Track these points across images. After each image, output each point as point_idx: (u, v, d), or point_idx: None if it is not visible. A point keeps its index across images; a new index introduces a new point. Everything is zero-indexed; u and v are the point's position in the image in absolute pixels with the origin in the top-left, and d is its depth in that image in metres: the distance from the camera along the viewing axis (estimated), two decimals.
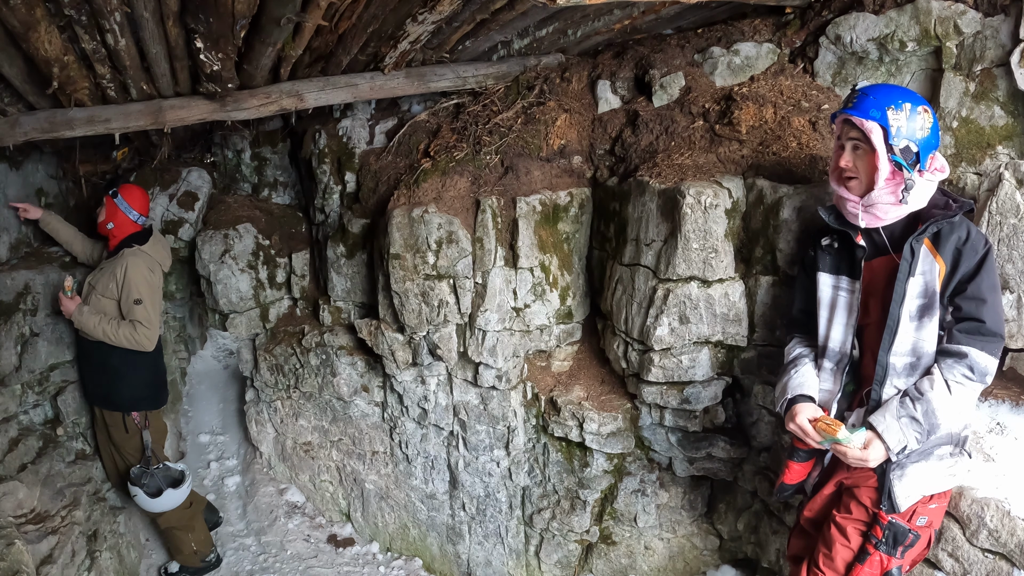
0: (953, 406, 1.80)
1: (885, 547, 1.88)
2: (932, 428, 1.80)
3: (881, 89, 1.87)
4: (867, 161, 1.88)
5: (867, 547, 1.91)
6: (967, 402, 1.82)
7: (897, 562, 1.89)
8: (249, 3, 2.07)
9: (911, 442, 1.80)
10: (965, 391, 1.80)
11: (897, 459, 1.84)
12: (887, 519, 1.88)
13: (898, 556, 1.89)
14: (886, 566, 1.90)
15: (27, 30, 2.08)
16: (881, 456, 1.83)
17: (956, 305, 1.84)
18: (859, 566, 1.92)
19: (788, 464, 2.12)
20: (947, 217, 1.82)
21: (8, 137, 2.86)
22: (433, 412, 3.30)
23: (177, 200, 4.10)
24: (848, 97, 1.92)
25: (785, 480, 2.13)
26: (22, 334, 3.19)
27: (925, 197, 1.86)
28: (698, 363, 2.77)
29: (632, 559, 3.22)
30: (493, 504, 3.34)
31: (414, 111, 3.79)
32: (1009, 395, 2.24)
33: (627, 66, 3.30)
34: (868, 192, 1.89)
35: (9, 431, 3.06)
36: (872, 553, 1.90)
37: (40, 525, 2.80)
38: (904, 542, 1.87)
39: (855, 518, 1.96)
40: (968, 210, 1.88)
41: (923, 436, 1.80)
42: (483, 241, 3.01)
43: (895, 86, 1.93)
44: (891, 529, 1.87)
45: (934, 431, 1.80)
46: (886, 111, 1.82)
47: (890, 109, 1.82)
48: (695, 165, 2.77)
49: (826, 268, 2.07)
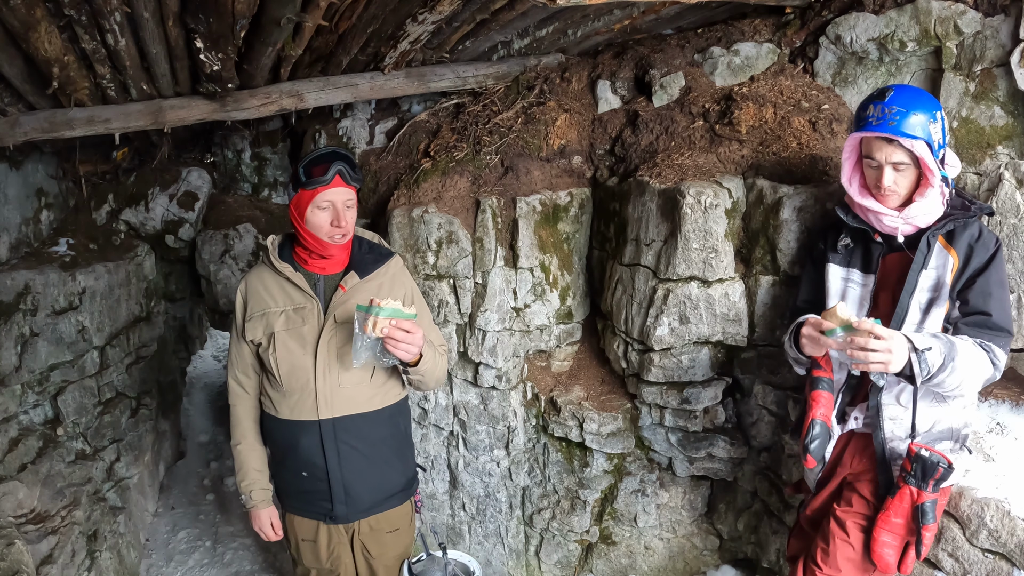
0: (971, 356, 1.74)
1: (915, 480, 1.79)
2: (951, 356, 1.71)
3: (914, 101, 1.79)
4: (909, 178, 1.85)
5: (897, 480, 1.82)
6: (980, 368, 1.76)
7: (929, 496, 1.79)
8: (249, 3, 2.07)
9: (935, 354, 1.70)
10: (981, 355, 1.76)
11: (920, 379, 1.72)
12: (915, 450, 1.79)
13: (929, 490, 1.78)
14: (917, 499, 1.80)
15: (27, 30, 2.08)
16: (904, 354, 1.68)
17: (964, 299, 1.84)
18: (890, 499, 1.83)
19: (814, 396, 1.95)
20: (965, 217, 1.83)
21: (8, 137, 2.86)
22: (433, 412, 3.30)
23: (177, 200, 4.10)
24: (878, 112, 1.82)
25: (816, 416, 1.93)
26: (22, 334, 3.18)
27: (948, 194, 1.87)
28: (698, 363, 2.77)
29: (632, 559, 3.22)
30: (493, 504, 3.34)
31: (414, 111, 3.79)
32: (1009, 395, 2.24)
33: (627, 66, 3.30)
34: (907, 204, 1.87)
35: (9, 431, 3.06)
36: (902, 487, 1.81)
37: (40, 525, 2.79)
38: (934, 475, 1.77)
39: (855, 511, 1.95)
40: (988, 213, 1.88)
41: (944, 359, 1.71)
42: (483, 241, 3.02)
43: (918, 92, 1.85)
44: (919, 461, 1.78)
45: (952, 358, 1.71)
46: (929, 127, 1.78)
47: (931, 123, 1.78)
48: (695, 165, 2.77)
49: (837, 261, 2.06)
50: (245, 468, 2.19)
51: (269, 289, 2.05)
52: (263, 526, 2.23)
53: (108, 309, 3.71)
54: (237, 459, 2.20)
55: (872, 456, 1.96)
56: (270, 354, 2.02)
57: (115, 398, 3.83)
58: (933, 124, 1.79)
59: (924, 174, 1.82)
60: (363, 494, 2.11)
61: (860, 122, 1.88)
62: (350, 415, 2.04)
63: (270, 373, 2.05)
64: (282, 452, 2.13)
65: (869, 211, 1.94)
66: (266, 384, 2.12)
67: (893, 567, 1.88)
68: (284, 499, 2.22)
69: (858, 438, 2.03)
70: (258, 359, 2.10)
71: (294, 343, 2.00)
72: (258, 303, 2.05)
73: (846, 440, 2.06)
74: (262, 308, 2.04)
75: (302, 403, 2.02)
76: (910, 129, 1.77)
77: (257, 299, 2.06)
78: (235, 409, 2.20)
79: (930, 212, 1.85)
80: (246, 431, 2.19)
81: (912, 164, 1.83)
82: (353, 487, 2.09)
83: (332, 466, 2.05)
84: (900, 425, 1.90)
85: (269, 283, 2.06)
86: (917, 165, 1.83)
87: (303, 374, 2.00)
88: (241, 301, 2.10)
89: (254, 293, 2.07)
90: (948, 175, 1.87)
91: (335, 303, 2.02)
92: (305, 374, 2.00)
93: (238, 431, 2.19)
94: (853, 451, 2.03)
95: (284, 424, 2.07)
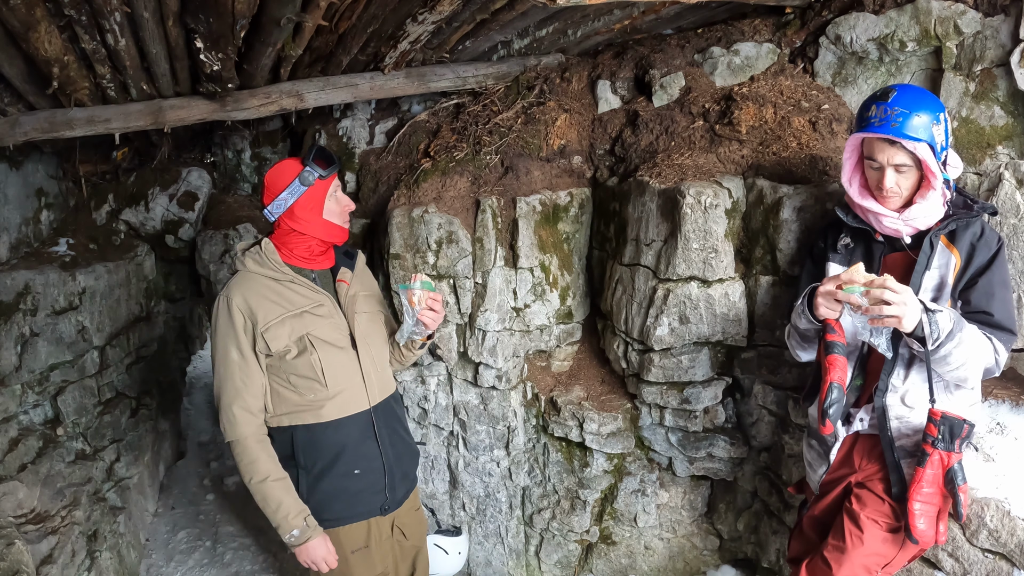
0: (976, 336, 1.74)
1: (943, 444, 1.78)
2: (959, 326, 1.71)
3: (917, 102, 1.77)
4: (911, 180, 1.85)
5: (924, 448, 1.81)
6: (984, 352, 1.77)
7: (957, 456, 1.79)
8: (249, 3, 2.07)
9: (945, 319, 1.69)
10: (985, 341, 1.76)
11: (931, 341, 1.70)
12: (939, 414, 1.78)
13: (957, 450, 1.79)
14: (947, 463, 1.79)
15: (27, 30, 2.08)
16: (917, 310, 1.66)
17: (966, 299, 1.84)
18: (919, 469, 1.81)
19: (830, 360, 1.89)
20: (968, 217, 1.83)
21: (8, 137, 2.86)
22: (433, 412, 3.30)
23: (177, 200, 4.10)
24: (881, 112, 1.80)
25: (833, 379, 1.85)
26: (22, 334, 3.19)
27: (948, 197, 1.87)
28: (698, 363, 2.77)
29: (632, 559, 3.22)
30: (493, 504, 3.34)
31: (414, 111, 3.79)
32: (1009, 395, 2.24)
33: (627, 66, 3.30)
34: (907, 206, 1.86)
35: (9, 431, 3.06)
36: (931, 452, 1.79)
37: (40, 525, 2.79)
38: (961, 434, 1.77)
39: (872, 509, 1.93)
40: (992, 213, 1.87)
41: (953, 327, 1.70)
42: (483, 241, 3.02)
43: (921, 92, 1.83)
44: (945, 423, 1.77)
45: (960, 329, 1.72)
46: (932, 128, 1.76)
47: (934, 125, 1.77)
48: (695, 165, 2.77)
49: (837, 260, 2.06)
50: (286, 500, 1.94)
51: (276, 295, 1.96)
52: (326, 555, 1.99)
53: (108, 309, 3.72)
54: (269, 494, 1.93)
55: (880, 456, 1.95)
56: (309, 357, 1.94)
57: (115, 398, 3.83)
58: (936, 126, 1.77)
59: (926, 176, 1.82)
60: (405, 474, 2.19)
61: (862, 122, 1.87)
62: (385, 398, 2.13)
63: (308, 378, 1.96)
64: (331, 457, 2.01)
65: (869, 212, 1.93)
66: (294, 395, 1.98)
67: (931, 537, 1.85)
68: (324, 516, 2.03)
69: (864, 439, 2.02)
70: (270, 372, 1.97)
71: (331, 340, 2.00)
72: (270, 311, 1.93)
73: (851, 442, 2.04)
74: (278, 315, 1.93)
75: (352, 397, 2.02)
76: (913, 131, 1.75)
77: (266, 308, 1.93)
78: (247, 442, 1.95)
79: (931, 214, 1.85)
80: (269, 462, 1.96)
81: (914, 166, 1.82)
82: (398, 468, 2.14)
83: (385, 451, 2.09)
84: (906, 424, 1.90)
85: (271, 289, 1.96)
86: (919, 167, 1.82)
87: (350, 366, 2.02)
88: (242, 316, 1.92)
89: (259, 303, 1.93)
90: (950, 176, 1.86)
91: (343, 293, 2.08)
92: (352, 366, 2.02)
93: (261, 465, 1.94)
94: (861, 453, 2.02)
95: (332, 426, 1.99)
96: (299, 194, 1.97)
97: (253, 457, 1.95)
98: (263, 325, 1.92)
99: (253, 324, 1.93)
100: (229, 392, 1.94)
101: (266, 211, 2.02)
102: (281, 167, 2.00)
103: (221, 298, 1.96)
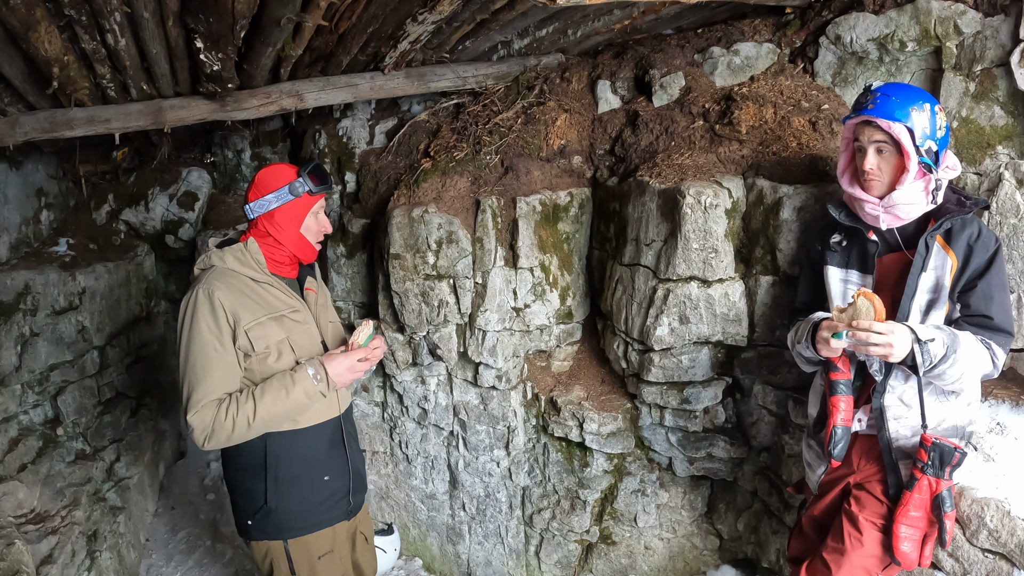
0: (972, 350, 1.76)
1: (932, 469, 1.80)
2: (954, 348, 1.73)
3: (901, 89, 1.85)
4: (891, 163, 1.87)
5: (914, 472, 1.83)
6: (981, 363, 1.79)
7: (947, 483, 1.81)
8: (249, 3, 2.07)
9: (938, 345, 1.72)
10: (982, 350, 1.78)
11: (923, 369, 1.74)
12: (931, 440, 1.80)
13: (946, 477, 1.81)
14: (936, 489, 1.81)
15: (27, 30, 2.08)
16: (906, 345, 1.72)
17: (965, 302, 1.84)
18: (907, 493, 1.83)
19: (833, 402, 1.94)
20: (961, 214, 1.83)
21: (8, 137, 2.87)
22: (433, 412, 3.30)
23: (177, 200, 4.10)
24: (864, 98, 1.88)
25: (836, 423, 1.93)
26: (22, 334, 3.19)
27: (942, 195, 1.88)
28: (698, 363, 2.77)
29: (632, 559, 3.22)
30: (493, 504, 3.34)
31: (414, 111, 3.79)
32: (1009, 395, 2.24)
33: (627, 66, 3.30)
34: (888, 193, 1.88)
35: (9, 431, 3.06)
36: (920, 478, 1.82)
37: (40, 525, 2.80)
38: (951, 461, 1.79)
39: (869, 510, 1.94)
40: (984, 207, 1.89)
41: (947, 350, 1.73)
42: (483, 241, 3.02)
43: (910, 86, 1.90)
44: (936, 449, 1.79)
45: (954, 350, 1.74)
46: (910, 112, 1.80)
47: (914, 109, 1.81)
48: (695, 165, 2.77)
49: (835, 262, 2.06)
50: (281, 391, 1.86)
51: (256, 295, 1.93)
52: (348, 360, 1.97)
53: (108, 309, 3.72)
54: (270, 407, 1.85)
55: (879, 457, 1.96)
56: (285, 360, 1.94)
57: (115, 398, 3.83)
58: (918, 112, 1.81)
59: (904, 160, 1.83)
60: (363, 478, 2.27)
61: (851, 110, 1.93)
62: (349, 405, 2.23)
63: None
64: (303, 465, 2.00)
65: (855, 199, 1.96)
66: None
67: (915, 560, 1.88)
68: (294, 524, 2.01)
69: (863, 440, 2.02)
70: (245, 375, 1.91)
71: (307, 346, 2.01)
72: (252, 311, 1.89)
73: (851, 442, 2.04)
74: (262, 315, 1.91)
75: (325, 404, 2.03)
76: (889, 111, 1.81)
77: (248, 308, 1.89)
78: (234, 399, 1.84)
79: (911, 203, 1.86)
80: (244, 403, 1.83)
81: (894, 149, 1.85)
82: (359, 472, 2.22)
83: (351, 457, 2.16)
84: (904, 424, 1.90)
85: (251, 289, 1.93)
86: (899, 151, 1.84)
87: None
88: (224, 313, 1.84)
89: (241, 301, 1.88)
90: (944, 176, 1.87)
91: (311, 302, 2.13)
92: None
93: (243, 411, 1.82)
94: (859, 453, 2.02)
95: (306, 433, 1.99)
96: (284, 201, 1.97)
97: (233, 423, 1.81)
98: (247, 323, 1.87)
99: (235, 321, 1.86)
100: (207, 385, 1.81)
101: (247, 207, 2.00)
102: (275, 169, 2.00)
103: (200, 291, 1.85)
